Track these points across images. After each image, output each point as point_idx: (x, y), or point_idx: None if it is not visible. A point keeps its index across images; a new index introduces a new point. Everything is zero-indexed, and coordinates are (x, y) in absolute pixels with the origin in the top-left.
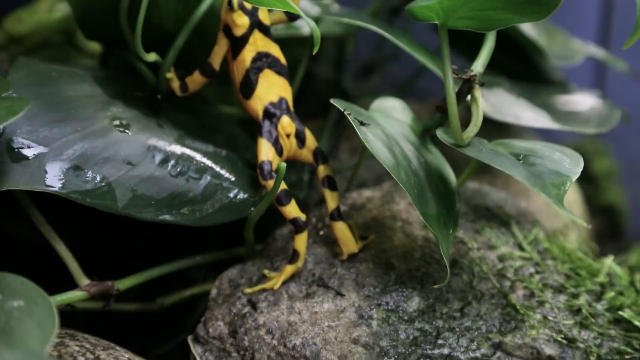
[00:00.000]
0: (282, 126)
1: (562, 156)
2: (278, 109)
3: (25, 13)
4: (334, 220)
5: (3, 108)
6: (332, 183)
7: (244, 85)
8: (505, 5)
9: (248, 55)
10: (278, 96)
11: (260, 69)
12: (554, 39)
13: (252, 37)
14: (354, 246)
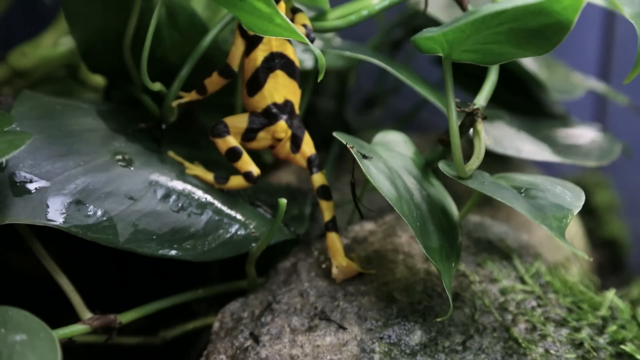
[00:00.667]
0: (275, 130)
1: (563, 190)
2: (280, 111)
3: (29, 47)
4: (327, 230)
5: (5, 142)
6: (327, 193)
7: (251, 82)
8: (508, 39)
9: (260, 55)
10: (284, 98)
11: (271, 69)
12: (554, 72)
13: (265, 37)
14: (343, 258)
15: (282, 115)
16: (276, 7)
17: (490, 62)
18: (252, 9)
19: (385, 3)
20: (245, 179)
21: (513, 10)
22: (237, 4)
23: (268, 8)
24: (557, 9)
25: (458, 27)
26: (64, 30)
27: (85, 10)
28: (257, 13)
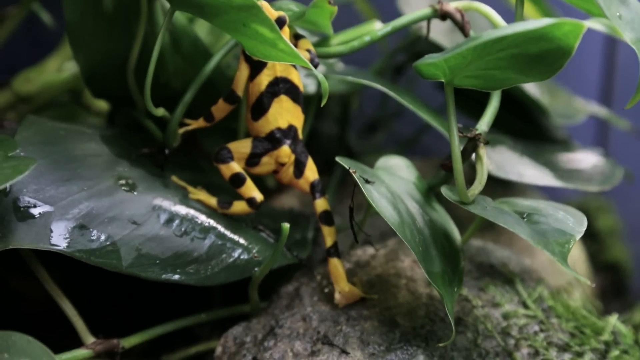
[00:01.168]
0: (279, 154)
1: (565, 215)
2: (284, 136)
3: (34, 73)
4: (329, 256)
5: (9, 167)
6: (329, 218)
7: (255, 107)
8: (510, 65)
9: (265, 80)
10: (288, 123)
11: (275, 93)
12: (556, 97)
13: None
14: (345, 284)
15: (286, 140)
16: (280, 33)
17: (492, 88)
18: (255, 34)
19: (388, 29)
20: (249, 205)
21: (514, 36)
22: (240, 30)
23: (271, 33)
24: (558, 35)
25: (460, 53)
26: (68, 56)
27: (89, 36)
28: (260, 38)
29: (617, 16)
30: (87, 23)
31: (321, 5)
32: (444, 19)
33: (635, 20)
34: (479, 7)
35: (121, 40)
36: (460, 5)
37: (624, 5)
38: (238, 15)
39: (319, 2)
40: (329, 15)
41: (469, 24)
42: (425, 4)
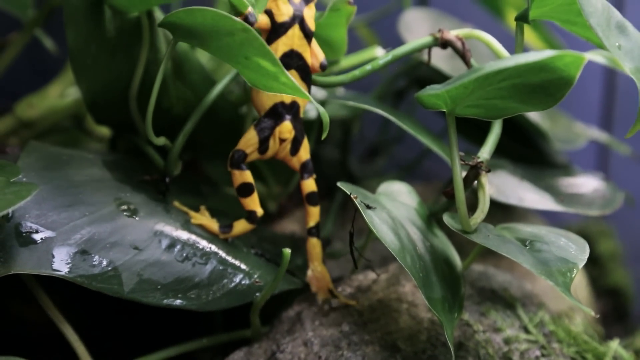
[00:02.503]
0: (280, 130)
1: (567, 242)
2: (286, 111)
3: (36, 98)
4: (310, 235)
5: (12, 192)
6: (315, 199)
7: None
8: (511, 94)
9: (281, 48)
10: (292, 99)
11: (287, 66)
12: (557, 122)
13: (291, 30)
14: (319, 264)
15: (287, 115)
16: (281, 66)
17: (493, 117)
18: (258, 67)
19: (388, 58)
20: (249, 220)
21: (516, 67)
22: (242, 62)
23: (273, 67)
24: (559, 66)
25: (462, 84)
26: (70, 81)
27: (92, 62)
28: (262, 71)
29: (617, 46)
30: (90, 50)
31: (340, 7)
32: (445, 47)
33: (635, 50)
34: (479, 35)
35: (123, 67)
36: (461, 34)
37: (623, 35)
38: (240, 49)
39: (338, 3)
40: (346, 20)
41: (470, 52)
42: (426, 29)
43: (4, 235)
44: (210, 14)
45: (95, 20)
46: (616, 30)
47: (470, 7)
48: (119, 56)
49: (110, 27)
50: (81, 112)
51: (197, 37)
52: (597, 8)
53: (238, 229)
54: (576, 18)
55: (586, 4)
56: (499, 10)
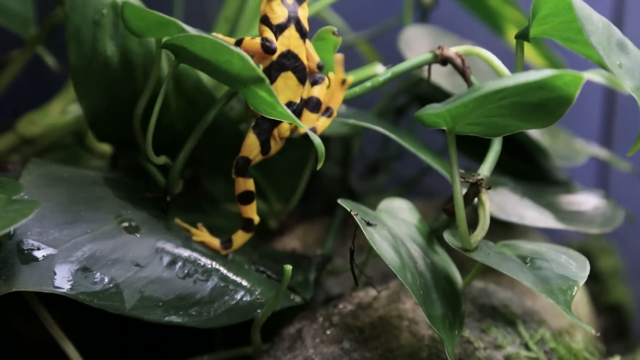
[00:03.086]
0: (279, 130)
1: (568, 259)
2: None
3: (38, 115)
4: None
5: (14, 210)
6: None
7: None
8: (511, 112)
9: (279, 47)
10: (287, 99)
11: (284, 67)
12: (557, 139)
13: (287, 30)
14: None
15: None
16: (277, 98)
17: (493, 135)
18: (255, 94)
19: (388, 76)
20: (245, 229)
21: (515, 86)
22: (241, 89)
23: (270, 97)
24: (558, 84)
25: (462, 103)
26: (72, 98)
27: (93, 80)
28: (260, 99)
29: (617, 64)
30: (91, 67)
31: (325, 37)
32: (445, 64)
33: (635, 69)
34: (479, 52)
35: (125, 85)
36: (461, 51)
37: (624, 53)
38: (238, 77)
39: (324, 32)
40: (333, 48)
41: (470, 69)
42: (426, 46)
43: (6, 253)
44: (209, 42)
45: (96, 38)
46: (617, 48)
47: (470, 24)
48: (120, 74)
49: (112, 45)
50: (82, 128)
51: (197, 61)
52: (597, 27)
53: (238, 242)
54: (576, 36)
55: (587, 22)
56: (499, 27)
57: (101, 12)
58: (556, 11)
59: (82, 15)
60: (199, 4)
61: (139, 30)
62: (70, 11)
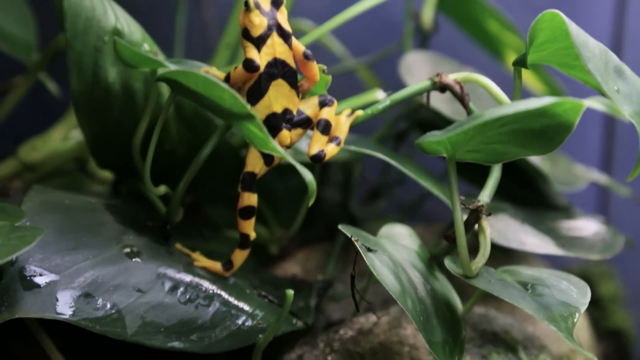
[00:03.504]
0: (279, 140)
1: (569, 285)
2: (279, 121)
3: (40, 141)
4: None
5: (17, 238)
6: (328, 127)
7: (252, 90)
8: (511, 139)
9: (263, 59)
10: (283, 107)
11: (273, 76)
12: (557, 164)
13: (270, 39)
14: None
15: (282, 123)
16: (268, 134)
17: (493, 161)
18: (247, 129)
19: (387, 103)
20: (242, 246)
21: (515, 114)
22: (235, 122)
23: (261, 134)
24: (558, 112)
25: (462, 131)
26: (74, 124)
27: (94, 106)
28: (252, 135)
29: (615, 90)
30: (93, 94)
31: None
32: (443, 92)
33: (633, 94)
34: (478, 79)
35: (126, 112)
36: (460, 77)
37: (622, 79)
38: (230, 112)
39: None
40: (324, 85)
41: (469, 96)
42: (427, 72)
43: (8, 279)
44: (201, 79)
45: (98, 65)
46: (614, 74)
47: (470, 49)
48: (121, 101)
49: (113, 72)
50: (84, 154)
51: (192, 95)
52: (594, 53)
53: (238, 261)
54: (574, 62)
55: (584, 49)
56: (499, 52)
57: (102, 39)
58: (553, 38)
59: (83, 42)
60: (201, 30)
61: (133, 63)
62: (72, 38)
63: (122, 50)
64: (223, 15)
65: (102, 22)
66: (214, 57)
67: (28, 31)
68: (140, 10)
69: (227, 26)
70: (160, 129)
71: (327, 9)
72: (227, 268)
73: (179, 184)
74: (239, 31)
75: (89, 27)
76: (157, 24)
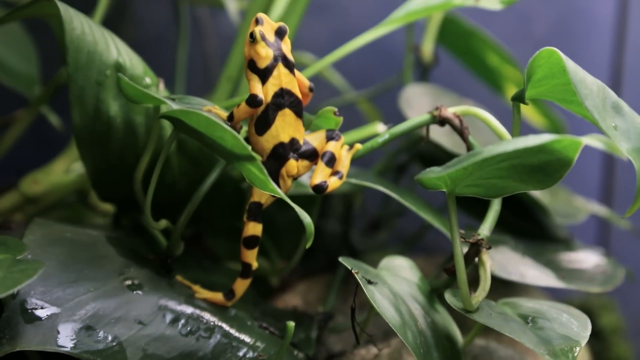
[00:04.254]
0: (287, 169)
1: (569, 318)
2: (287, 151)
3: (41, 174)
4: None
5: (18, 271)
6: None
7: (260, 120)
8: (510, 174)
9: (270, 89)
10: (290, 137)
11: (280, 106)
12: (557, 197)
13: (276, 70)
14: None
15: (290, 153)
16: (267, 176)
17: (492, 196)
18: (248, 170)
19: (387, 137)
20: (244, 275)
21: (514, 151)
22: (235, 163)
23: (261, 175)
24: (557, 148)
25: (462, 167)
26: (75, 157)
27: (96, 140)
28: (252, 175)
29: (613, 127)
30: (94, 127)
31: (327, 116)
32: (443, 125)
33: (631, 130)
34: (477, 112)
35: (127, 145)
36: (459, 111)
37: (619, 115)
38: (231, 152)
39: (325, 112)
40: (335, 125)
41: (468, 129)
42: (427, 105)
43: (10, 312)
44: (203, 119)
45: (100, 98)
46: (612, 110)
47: (470, 82)
48: (123, 135)
49: (115, 106)
50: (85, 187)
51: (194, 133)
52: (592, 90)
53: (240, 290)
54: (572, 97)
55: (581, 86)
56: (499, 85)
57: (104, 73)
58: (551, 74)
59: (85, 77)
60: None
61: (137, 99)
62: (74, 72)
63: (125, 86)
64: (224, 48)
65: (104, 56)
66: (216, 90)
67: (30, 65)
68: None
69: (228, 59)
70: (163, 162)
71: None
72: (229, 298)
73: (180, 217)
74: (241, 64)
75: (91, 62)
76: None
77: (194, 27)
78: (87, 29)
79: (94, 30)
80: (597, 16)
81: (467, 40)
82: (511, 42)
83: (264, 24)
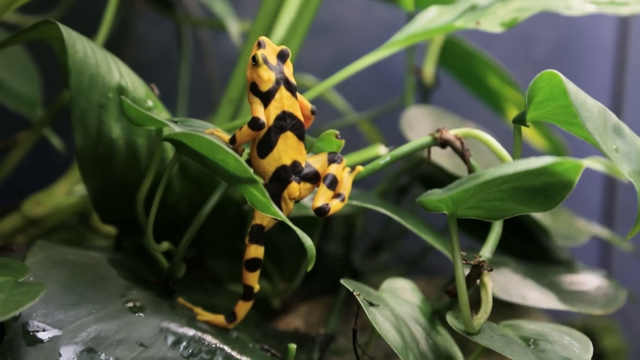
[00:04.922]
0: (289, 192)
1: (571, 341)
2: (289, 173)
3: (43, 196)
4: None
5: (20, 293)
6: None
7: (262, 143)
8: (512, 196)
9: (273, 112)
10: (292, 160)
11: (282, 129)
12: (558, 218)
13: (278, 93)
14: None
15: (292, 176)
16: (269, 198)
17: (494, 218)
18: (250, 193)
19: (388, 159)
20: (245, 298)
21: (515, 174)
22: (238, 185)
23: (263, 198)
24: (558, 170)
25: (463, 190)
26: (77, 179)
27: (98, 162)
28: (254, 198)
29: (614, 149)
30: (96, 149)
31: (329, 139)
32: (444, 147)
33: (632, 153)
34: (478, 134)
35: (129, 167)
36: (460, 133)
37: (620, 137)
38: (234, 175)
39: (327, 135)
40: (337, 148)
41: (469, 151)
42: (428, 127)
43: (11, 335)
44: (205, 142)
45: (102, 121)
46: (613, 133)
47: (471, 104)
48: (124, 157)
49: (117, 128)
50: (87, 209)
51: (197, 156)
52: (593, 112)
53: (241, 313)
54: (573, 119)
55: (582, 108)
56: (500, 107)
57: (107, 96)
58: (552, 96)
59: (87, 99)
60: (204, 85)
61: (139, 121)
62: (76, 95)
63: (127, 109)
64: (226, 70)
65: (107, 79)
66: (218, 112)
67: (33, 87)
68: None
69: (230, 81)
70: (165, 185)
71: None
72: (230, 320)
73: (182, 239)
74: (243, 86)
75: (93, 85)
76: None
77: (196, 49)
78: (90, 52)
79: (96, 53)
80: (598, 38)
81: (468, 62)
82: (512, 64)
83: (267, 47)
